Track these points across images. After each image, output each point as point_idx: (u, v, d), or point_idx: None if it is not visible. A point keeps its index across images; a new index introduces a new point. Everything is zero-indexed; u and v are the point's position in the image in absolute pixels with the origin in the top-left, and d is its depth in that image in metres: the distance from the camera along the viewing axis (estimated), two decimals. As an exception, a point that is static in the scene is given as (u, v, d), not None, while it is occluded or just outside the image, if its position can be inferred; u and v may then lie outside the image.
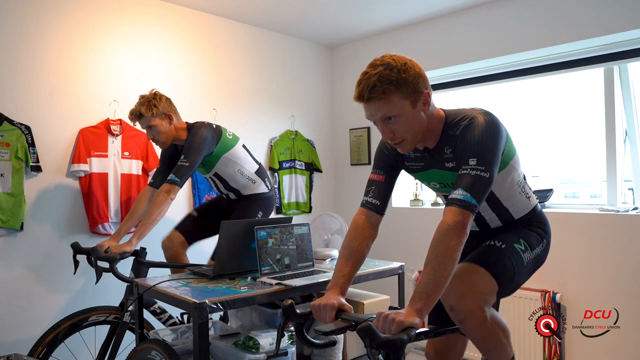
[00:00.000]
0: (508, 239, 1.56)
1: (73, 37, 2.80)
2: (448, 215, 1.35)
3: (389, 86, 1.36)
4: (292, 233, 2.16)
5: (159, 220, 2.31)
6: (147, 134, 2.48)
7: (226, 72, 3.55)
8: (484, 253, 1.54)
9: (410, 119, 1.43)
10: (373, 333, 1.13)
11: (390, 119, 1.42)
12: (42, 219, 2.66)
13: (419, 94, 1.41)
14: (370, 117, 1.45)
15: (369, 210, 1.62)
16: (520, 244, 1.56)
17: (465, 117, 1.48)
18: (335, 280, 1.53)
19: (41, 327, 2.42)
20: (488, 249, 1.55)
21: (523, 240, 1.57)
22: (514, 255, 1.52)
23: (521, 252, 1.54)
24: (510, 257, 1.52)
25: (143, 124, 2.44)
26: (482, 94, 3.67)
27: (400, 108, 1.40)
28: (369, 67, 1.41)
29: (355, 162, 4.17)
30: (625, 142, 2.96)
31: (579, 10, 2.88)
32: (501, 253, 1.52)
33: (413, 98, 1.41)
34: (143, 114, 2.39)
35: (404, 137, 1.45)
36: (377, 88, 1.36)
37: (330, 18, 3.61)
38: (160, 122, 2.43)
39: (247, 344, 1.96)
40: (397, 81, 1.37)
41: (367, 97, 1.38)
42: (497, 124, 1.45)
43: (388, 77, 1.36)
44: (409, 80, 1.38)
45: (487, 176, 1.37)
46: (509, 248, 1.53)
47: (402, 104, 1.39)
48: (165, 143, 2.50)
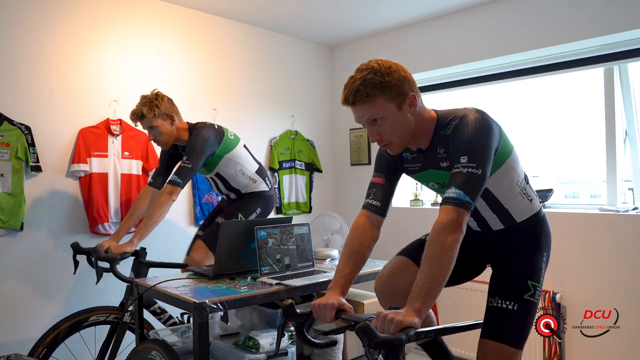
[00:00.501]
0: (517, 292, 1.53)
1: (73, 38, 2.80)
2: (443, 214, 1.35)
3: (373, 89, 1.40)
4: (292, 233, 2.16)
5: (160, 221, 2.31)
6: (149, 134, 2.47)
7: (226, 72, 3.55)
8: (499, 323, 1.51)
9: (396, 121, 1.45)
10: (371, 333, 1.13)
11: (376, 121, 1.45)
12: (42, 219, 2.66)
13: (404, 96, 1.44)
14: (358, 120, 1.48)
15: (370, 212, 1.63)
16: (530, 288, 1.53)
17: (456, 116, 1.49)
18: (335, 280, 1.53)
19: (41, 327, 2.42)
20: (501, 316, 1.52)
21: (531, 282, 1.54)
22: (530, 311, 1.52)
23: (533, 299, 1.53)
24: (526, 315, 1.51)
25: (145, 124, 2.43)
26: (482, 94, 3.67)
27: (385, 110, 1.43)
28: (355, 72, 1.45)
29: (355, 162, 4.17)
30: (625, 142, 2.96)
31: (579, 10, 2.88)
32: (517, 318, 1.50)
33: (398, 100, 1.43)
34: (145, 115, 2.38)
35: (390, 140, 1.49)
36: (361, 91, 1.40)
37: (330, 18, 3.61)
38: (162, 122, 2.42)
39: (247, 344, 1.96)
40: (381, 84, 1.40)
41: (352, 100, 1.43)
42: (487, 120, 1.45)
43: (371, 81, 1.40)
44: (393, 83, 1.41)
45: (479, 173, 1.37)
46: (523, 306, 1.51)
47: (387, 106, 1.43)
48: (167, 144, 2.49)
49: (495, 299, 1.56)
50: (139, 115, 2.40)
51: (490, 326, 1.53)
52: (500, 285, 1.59)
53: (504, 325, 1.51)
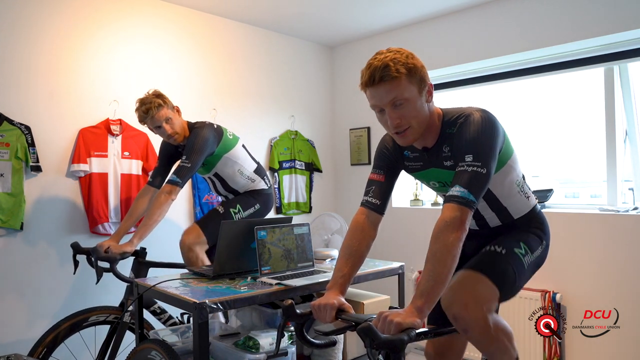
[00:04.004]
0: (508, 244, 1.55)
1: (73, 37, 2.80)
2: (446, 211, 1.35)
3: (402, 67, 1.38)
4: (292, 233, 2.16)
5: (159, 221, 2.31)
6: (164, 129, 2.41)
7: (226, 72, 3.55)
8: (485, 260, 1.52)
9: (418, 107, 1.43)
10: (373, 333, 1.13)
11: (397, 104, 1.40)
12: (42, 219, 2.66)
13: (425, 83, 1.44)
14: (379, 102, 1.42)
15: (369, 210, 1.62)
16: (521, 247, 1.55)
17: (461, 115, 1.49)
18: (334, 280, 1.53)
19: (41, 327, 2.42)
20: (489, 255, 1.53)
21: (523, 243, 1.56)
22: (515, 261, 1.51)
23: (521, 257, 1.53)
24: (511, 262, 1.51)
25: (160, 118, 2.38)
26: (482, 94, 3.67)
27: (410, 92, 1.40)
28: (377, 55, 1.42)
29: (355, 162, 4.17)
30: (625, 142, 2.96)
31: (579, 10, 2.88)
32: (502, 259, 1.51)
33: (420, 86, 1.42)
34: (162, 105, 2.36)
35: (410, 124, 1.44)
36: (390, 68, 1.36)
37: (330, 18, 3.61)
38: (174, 114, 2.44)
39: (247, 344, 1.96)
40: (408, 66, 1.39)
41: (379, 77, 1.37)
42: (493, 120, 1.45)
43: (400, 61, 1.38)
44: (418, 68, 1.41)
45: (484, 172, 1.37)
46: (510, 253, 1.52)
47: (411, 89, 1.40)
48: (180, 135, 2.47)
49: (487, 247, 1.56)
50: (156, 107, 2.35)
51: (473, 261, 1.53)
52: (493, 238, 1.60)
53: (487, 260, 1.51)
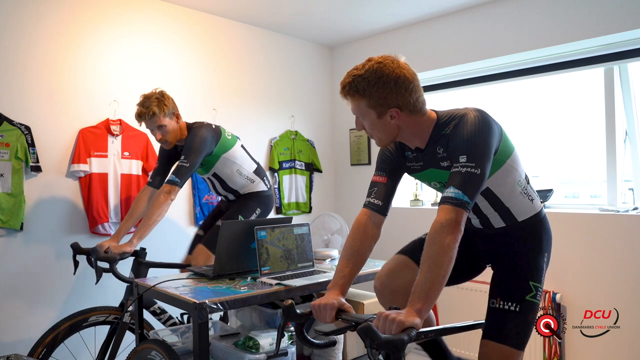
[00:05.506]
0: (518, 293, 1.53)
1: (73, 37, 2.80)
2: (441, 213, 1.35)
3: (356, 93, 1.45)
4: (292, 233, 2.16)
5: (159, 221, 2.31)
6: (156, 133, 2.43)
7: (226, 72, 3.55)
8: (502, 326, 1.51)
9: (377, 126, 1.49)
10: (373, 333, 1.13)
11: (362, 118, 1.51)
12: (42, 219, 2.66)
13: (384, 108, 1.45)
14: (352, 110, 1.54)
15: (371, 211, 1.62)
16: (532, 289, 1.53)
17: (455, 116, 1.49)
18: (335, 280, 1.53)
19: (41, 327, 2.42)
20: (505, 318, 1.51)
21: (533, 282, 1.54)
22: (530, 310, 1.52)
23: (535, 300, 1.53)
24: (528, 314, 1.51)
25: (152, 123, 2.40)
26: (482, 94, 3.67)
27: (364, 114, 1.48)
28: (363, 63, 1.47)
29: (355, 162, 4.17)
30: (625, 142, 2.96)
31: (579, 10, 2.88)
32: (519, 319, 1.50)
33: (379, 111, 1.46)
34: (156, 113, 2.36)
35: (372, 135, 1.55)
36: (347, 89, 1.47)
37: (330, 18, 3.61)
38: (169, 121, 2.43)
39: (247, 344, 1.96)
40: (364, 92, 1.44)
41: (345, 92, 1.49)
42: (487, 120, 1.45)
43: (357, 86, 1.44)
44: (375, 96, 1.43)
45: (478, 172, 1.36)
46: (525, 307, 1.51)
47: (368, 112, 1.47)
48: (173, 142, 2.49)
49: (497, 300, 1.55)
50: (149, 114, 2.36)
51: (492, 327, 1.53)
52: (501, 286, 1.58)
53: (506, 326, 1.51)
